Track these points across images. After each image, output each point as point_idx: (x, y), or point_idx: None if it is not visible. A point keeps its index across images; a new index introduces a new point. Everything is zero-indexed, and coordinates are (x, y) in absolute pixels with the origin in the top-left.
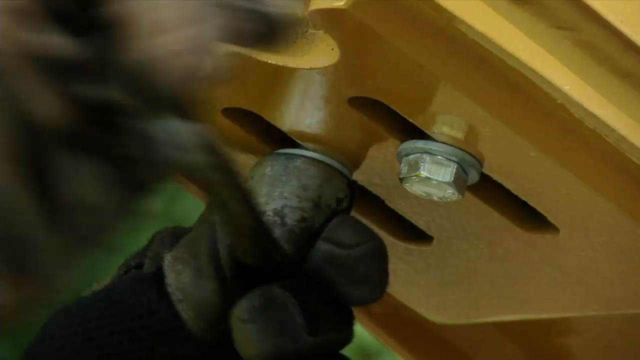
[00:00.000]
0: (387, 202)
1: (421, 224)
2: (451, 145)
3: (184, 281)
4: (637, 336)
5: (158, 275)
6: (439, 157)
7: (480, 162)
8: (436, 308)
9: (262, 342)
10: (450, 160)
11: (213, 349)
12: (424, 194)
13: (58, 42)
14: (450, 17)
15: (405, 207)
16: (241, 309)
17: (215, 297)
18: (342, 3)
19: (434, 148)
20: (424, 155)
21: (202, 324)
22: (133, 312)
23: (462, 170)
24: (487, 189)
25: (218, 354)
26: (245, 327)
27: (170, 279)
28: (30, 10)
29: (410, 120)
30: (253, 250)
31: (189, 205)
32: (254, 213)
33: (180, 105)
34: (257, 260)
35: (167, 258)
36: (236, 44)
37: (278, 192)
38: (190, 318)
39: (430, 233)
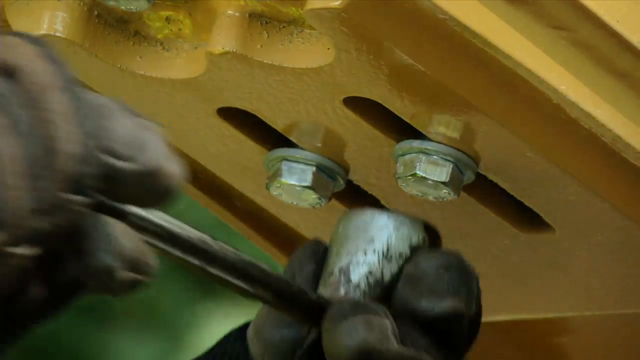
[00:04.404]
0: (382, 202)
1: None
2: (447, 145)
3: (258, 320)
4: (634, 336)
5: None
6: (434, 156)
7: (476, 162)
8: None
9: (350, 336)
10: (446, 159)
11: None
12: (420, 194)
13: None
14: (446, 17)
15: (401, 206)
16: (331, 312)
17: (285, 339)
18: (337, 3)
19: (429, 148)
20: (420, 155)
21: (268, 358)
22: (210, 355)
23: (457, 170)
24: (482, 188)
25: None
26: (334, 324)
27: (254, 319)
28: None
29: (406, 120)
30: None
31: (183, 207)
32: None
33: None
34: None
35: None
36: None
37: (345, 249)
38: (257, 353)
39: None
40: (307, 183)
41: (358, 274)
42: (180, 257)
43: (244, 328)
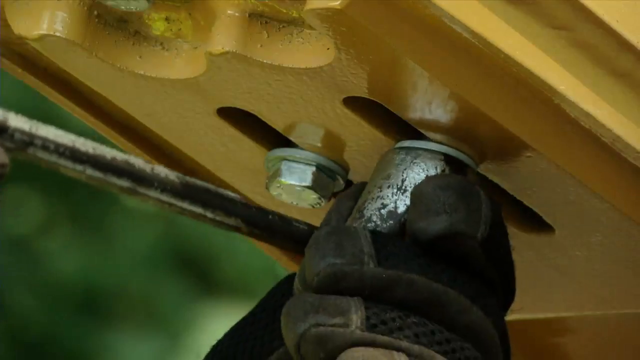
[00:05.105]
0: None
1: None
2: (446, 145)
3: (302, 262)
4: (632, 335)
5: None
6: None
7: (475, 162)
8: None
9: (318, 262)
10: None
11: None
12: None
13: None
14: (446, 17)
15: None
16: (309, 241)
17: None
18: (337, 3)
19: (429, 148)
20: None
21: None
22: (263, 299)
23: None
24: (482, 188)
25: None
26: (308, 251)
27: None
28: None
29: (406, 120)
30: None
31: None
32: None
33: None
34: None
35: None
36: None
37: (367, 189)
38: (298, 290)
39: None
40: (307, 183)
41: (371, 209)
42: (101, 179)
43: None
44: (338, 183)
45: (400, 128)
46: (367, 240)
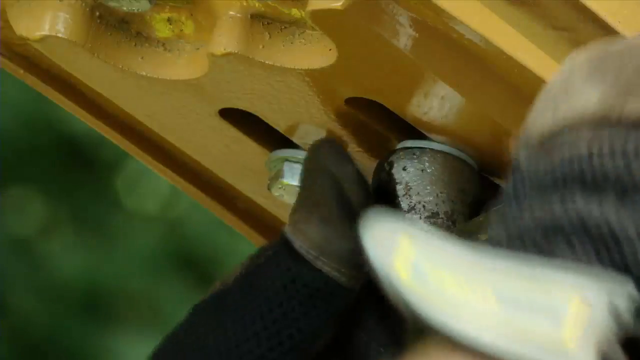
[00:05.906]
0: None
1: None
2: (447, 145)
3: (316, 238)
4: None
5: (284, 246)
6: None
7: (476, 162)
8: None
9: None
10: None
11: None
12: None
13: None
14: (448, 17)
15: None
16: None
17: (348, 239)
18: (339, 4)
19: (432, 147)
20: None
21: (346, 270)
22: (274, 287)
23: None
24: (483, 189)
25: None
26: None
27: (299, 241)
28: None
29: (407, 120)
30: None
31: (185, 208)
32: None
33: None
34: None
35: (286, 228)
36: None
37: (445, 194)
38: (333, 269)
39: None
40: None
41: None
42: None
43: (281, 253)
44: None
45: (402, 128)
46: None
